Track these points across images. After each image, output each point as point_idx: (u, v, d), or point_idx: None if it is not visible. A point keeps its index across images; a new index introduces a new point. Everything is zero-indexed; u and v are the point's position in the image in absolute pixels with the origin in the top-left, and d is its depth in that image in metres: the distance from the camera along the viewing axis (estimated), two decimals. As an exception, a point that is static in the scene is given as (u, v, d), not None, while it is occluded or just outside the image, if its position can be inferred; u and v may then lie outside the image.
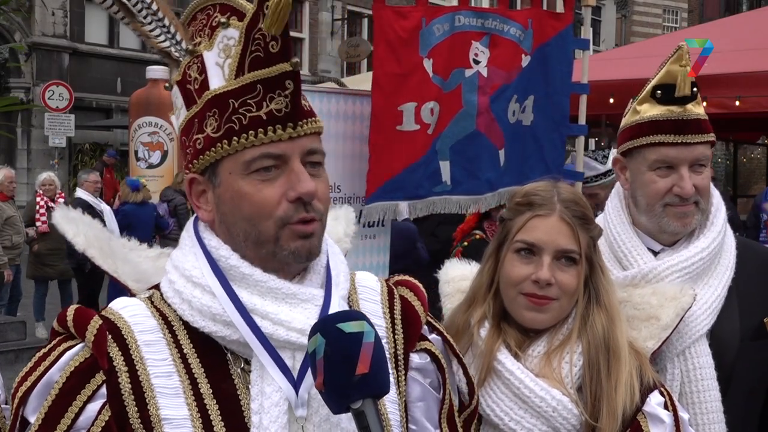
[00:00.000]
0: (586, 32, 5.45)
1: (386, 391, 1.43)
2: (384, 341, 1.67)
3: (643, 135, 2.46)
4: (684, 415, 2.06)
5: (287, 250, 1.57)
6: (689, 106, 2.42)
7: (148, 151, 14.17)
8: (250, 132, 1.54)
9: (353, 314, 1.46)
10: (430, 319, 1.80)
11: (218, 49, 1.60)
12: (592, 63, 5.62)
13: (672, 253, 2.43)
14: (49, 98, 18.80)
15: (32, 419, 1.51)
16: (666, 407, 2.02)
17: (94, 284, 10.35)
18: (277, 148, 1.54)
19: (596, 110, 5.53)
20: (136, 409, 1.50)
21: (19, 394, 1.53)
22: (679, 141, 2.40)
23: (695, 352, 2.33)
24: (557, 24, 5.00)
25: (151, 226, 10.78)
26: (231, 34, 1.59)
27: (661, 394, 2.05)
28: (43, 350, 1.57)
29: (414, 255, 6.30)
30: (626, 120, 2.53)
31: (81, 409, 1.49)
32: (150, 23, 1.68)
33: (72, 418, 1.49)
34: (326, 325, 1.42)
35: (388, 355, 1.66)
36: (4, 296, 10.54)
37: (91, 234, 1.83)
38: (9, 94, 19.64)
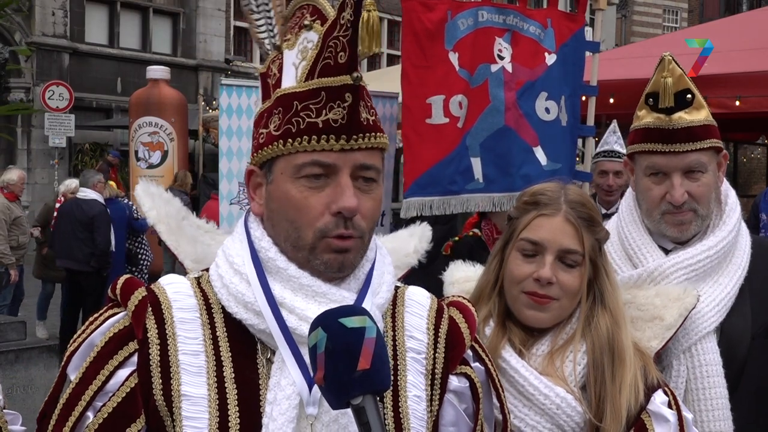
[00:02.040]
0: (596, 35, 5.45)
1: (387, 387, 1.43)
2: (422, 357, 1.70)
3: (638, 142, 2.47)
4: (688, 414, 2.07)
5: (320, 260, 1.59)
6: (677, 115, 2.39)
7: (148, 151, 14.18)
8: (304, 137, 1.57)
9: (356, 309, 1.45)
10: (476, 346, 1.79)
11: (297, 50, 1.64)
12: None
13: (681, 251, 2.42)
14: (49, 98, 18.78)
15: (72, 377, 1.60)
16: (670, 406, 2.03)
17: (103, 291, 10.29)
18: (327, 158, 1.57)
19: (596, 110, 5.52)
20: (161, 381, 1.56)
21: (67, 353, 1.64)
22: (667, 150, 2.39)
23: (702, 349, 2.33)
24: (572, 25, 5.02)
25: (122, 225, 10.45)
26: (311, 38, 1.62)
27: (665, 393, 2.05)
28: (96, 314, 1.66)
29: None
30: (633, 124, 2.54)
31: (112, 373, 1.57)
32: (260, 12, 1.76)
33: (103, 381, 1.57)
34: (328, 319, 1.41)
35: (424, 371, 1.69)
36: (8, 296, 10.53)
37: (163, 211, 1.95)
38: (9, 94, 19.62)
